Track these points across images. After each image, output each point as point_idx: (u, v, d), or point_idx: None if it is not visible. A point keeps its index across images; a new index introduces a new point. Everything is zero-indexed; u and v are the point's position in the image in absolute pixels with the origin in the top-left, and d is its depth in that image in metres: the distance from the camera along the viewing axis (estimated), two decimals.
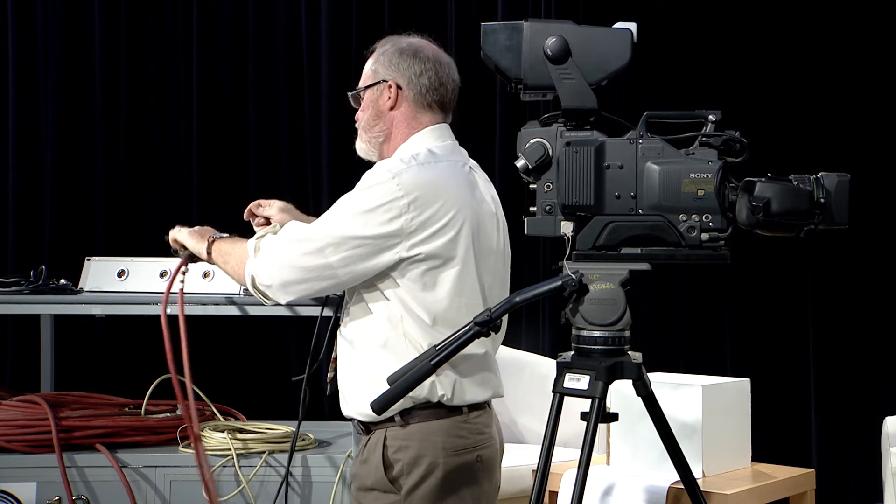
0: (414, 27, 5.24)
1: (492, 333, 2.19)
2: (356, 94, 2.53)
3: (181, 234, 2.72)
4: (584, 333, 2.22)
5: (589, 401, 2.20)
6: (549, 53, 2.24)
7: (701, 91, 4.65)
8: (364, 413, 2.37)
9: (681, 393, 3.13)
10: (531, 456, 3.36)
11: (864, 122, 4.48)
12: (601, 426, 2.48)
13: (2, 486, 2.92)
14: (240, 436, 3.05)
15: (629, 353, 2.25)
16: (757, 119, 4.49)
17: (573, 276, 2.18)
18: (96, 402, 3.19)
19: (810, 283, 4.54)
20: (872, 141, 4.46)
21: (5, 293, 3.08)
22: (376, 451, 2.36)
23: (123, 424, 3.08)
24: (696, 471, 3.00)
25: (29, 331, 4.44)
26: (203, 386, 3.28)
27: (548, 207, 2.24)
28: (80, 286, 3.14)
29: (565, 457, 3.20)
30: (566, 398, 2.25)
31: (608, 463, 3.27)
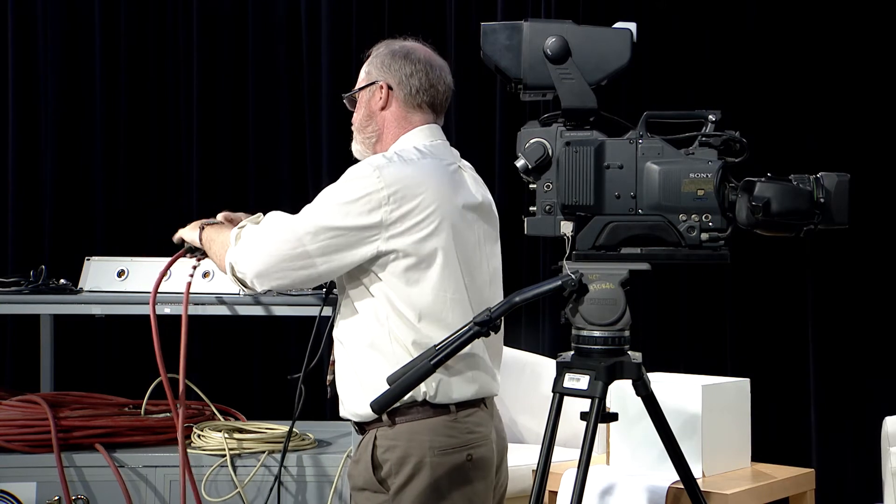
0: (414, 27, 5.24)
1: (491, 333, 2.19)
2: (351, 96, 2.55)
3: (184, 230, 2.77)
4: (584, 333, 2.22)
5: (589, 401, 2.21)
6: (549, 53, 2.24)
7: (701, 91, 4.65)
8: (356, 413, 2.39)
9: (681, 393, 3.13)
10: (531, 456, 3.35)
11: (864, 121, 4.48)
12: (601, 426, 2.48)
13: (2, 486, 2.92)
14: (239, 436, 3.04)
15: (629, 352, 2.25)
16: (757, 119, 4.49)
17: (573, 276, 2.19)
18: (96, 402, 3.19)
19: (810, 283, 4.54)
20: (872, 140, 4.46)
21: (5, 293, 3.08)
22: (367, 452, 2.37)
23: (123, 424, 3.08)
24: (696, 471, 3.00)
25: (29, 331, 4.44)
26: (203, 386, 3.28)
27: (548, 207, 2.24)
28: (79, 286, 3.14)
29: (565, 457, 3.20)
30: (566, 398, 2.25)
31: (608, 463, 3.27)
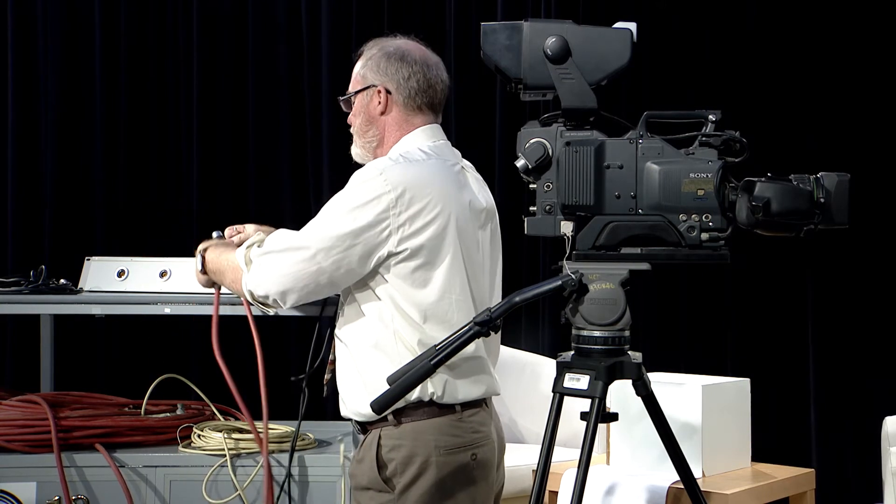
0: (414, 27, 5.23)
1: (491, 333, 2.20)
2: (346, 98, 2.54)
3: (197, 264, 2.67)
4: (584, 333, 2.22)
5: (589, 401, 2.21)
6: (549, 53, 2.24)
7: (701, 91, 4.65)
8: (359, 413, 2.39)
9: (681, 393, 3.13)
10: (531, 456, 3.35)
11: (864, 121, 4.48)
12: (601, 426, 2.48)
13: (2, 486, 2.92)
14: (239, 436, 3.04)
15: (629, 352, 2.25)
16: (757, 119, 4.49)
17: (573, 275, 2.19)
18: (96, 402, 3.19)
19: (810, 283, 4.54)
20: (872, 140, 4.46)
21: (5, 293, 3.08)
22: (371, 451, 2.37)
23: (123, 424, 3.08)
24: (696, 471, 3.00)
25: (29, 331, 4.44)
26: (203, 386, 3.28)
27: (548, 207, 2.24)
28: (79, 286, 3.14)
29: (565, 457, 3.20)
30: (566, 398, 2.25)
31: (608, 463, 3.27)
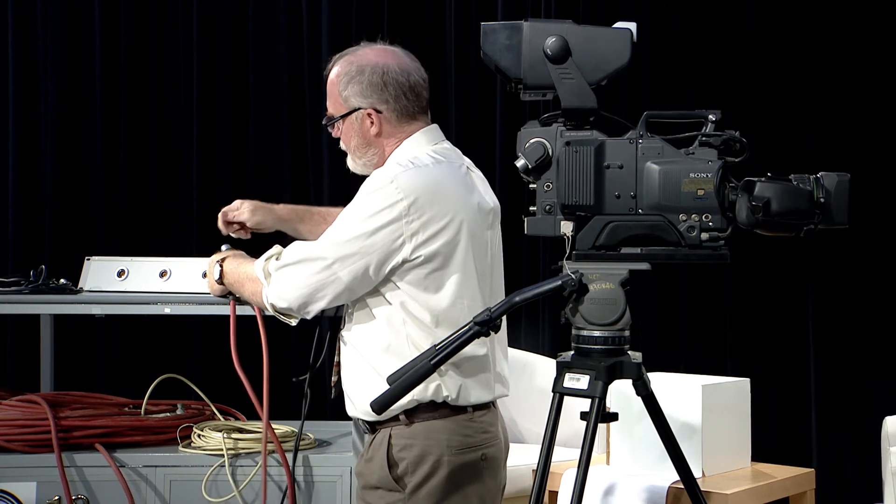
0: (414, 27, 5.24)
1: (491, 333, 2.20)
2: (332, 123, 2.52)
3: (209, 272, 2.75)
4: (584, 333, 2.23)
5: (589, 400, 2.21)
6: (549, 53, 2.24)
7: (701, 91, 4.65)
8: (370, 413, 2.38)
9: (681, 393, 3.13)
10: (531, 456, 3.35)
11: (864, 121, 4.48)
12: (601, 426, 2.48)
13: (2, 485, 2.92)
14: (239, 436, 3.04)
15: (629, 352, 2.25)
16: (757, 119, 4.49)
17: (573, 275, 2.19)
18: (96, 401, 3.18)
19: (810, 283, 4.54)
20: (872, 140, 4.46)
21: (5, 293, 3.07)
22: (381, 450, 2.38)
23: (123, 424, 3.07)
24: (696, 471, 3.00)
25: (29, 331, 4.43)
26: (203, 386, 3.28)
27: (548, 207, 2.25)
28: (79, 286, 3.13)
29: (565, 457, 3.20)
30: (566, 398, 2.25)
31: (608, 463, 3.27)
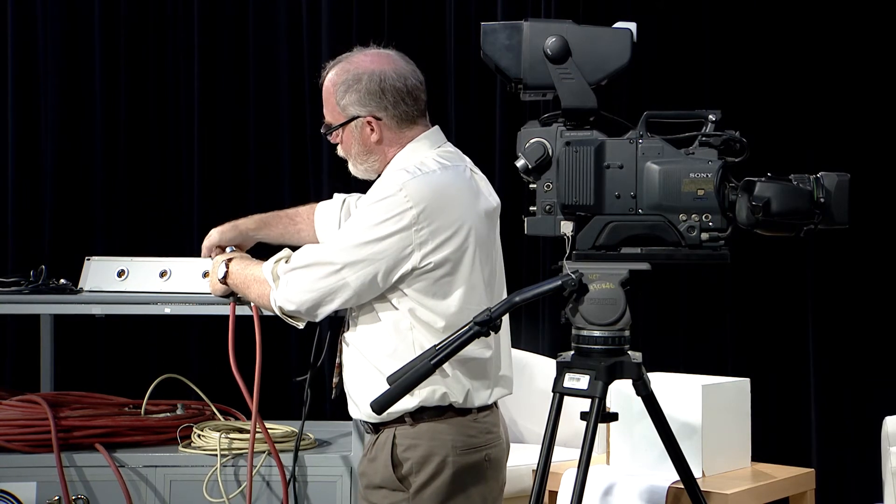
0: (414, 27, 5.23)
1: (491, 333, 2.20)
2: (330, 131, 2.52)
3: (212, 270, 2.77)
4: (584, 333, 2.22)
5: (589, 400, 2.21)
6: (549, 53, 2.23)
7: (701, 91, 4.65)
8: (374, 416, 2.40)
9: (681, 393, 3.13)
10: (531, 456, 3.35)
11: (864, 122, 4.48)
12: (601, 426, 2.48)
13: (2, 485, 2.92)
14: (239, 436, 3.04)
15: (629, 352, 2.25)
16: (757, 119, 4.49)
17: (573, 275, 2.19)
18: (96, 401, 3.18)
19: (810, 283, 4.54)
20: (872, 141, 4.46)
21: (5, 293, 3.07)
22: (385, 450, 2.39)
23: (123, 424, 3.07)
24: (696, 471, 3.00)
25: (29, 331, 4.43)
26: (203, 386, 3.28)
27: (548, 207, 2.24)
28: (79, 286, 3.13)
29: (565, 457, 3.20)
30: (566, 398, 2.25)
31: (608, 463, 3.27)
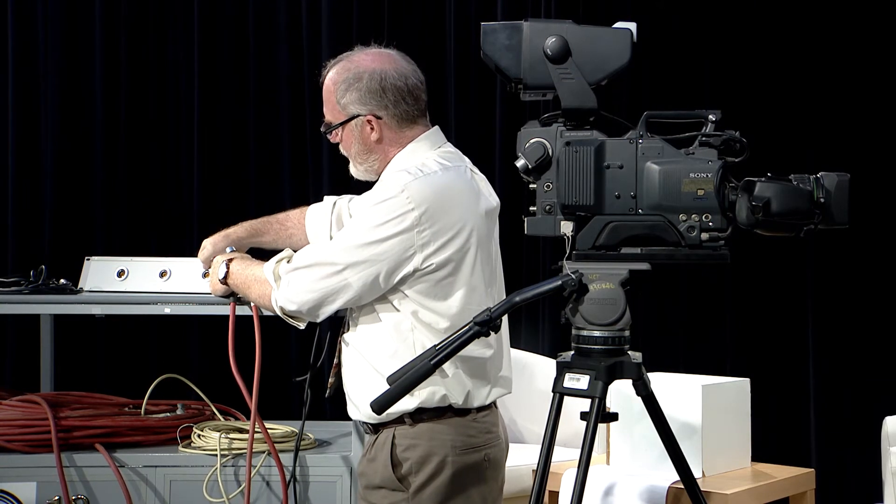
0: (414, 27, 5.23)
1: (491, 333, 2.20)
2: (330, 130, 2.52)
3: (213, 269, 2.76)
4: (584, 333, 2.22)
5: (589, 400, 2.21)
6: (549, 53, 2.23)
7: (701, 91, 4.65)
8: (374, 417, 2.40)
9: (681, 393, 3.13)
10: (531, 456, 3.35)
11: (864, 122, 4.48)
12: (601, 426, 2.48)
13: (2, 485, 2.92)
14: (239, 436, 3.04)
15: (629, 352, 2.25)
16: (757, 119, 4.49)
17: (573, 275, 2.19)
18: (96, 401, 3.18)
19: (810, 283, 4.54)
20: (872, 141, 4.46)
21: (5, 293, 3.07)
22: (384, 450, 2.39)
23: (123, 424, 3.07)
24: (696, 471, 3.00)
25: (29, 331, 4.43)
26: (203, 386, 3.28)
27: (548, 207, 2.24)
28: (79, 286, 3.13)
29: (565, 457, 3.20)
30: (566, 398, 2.25)
31: (608, 463, 3.27)
